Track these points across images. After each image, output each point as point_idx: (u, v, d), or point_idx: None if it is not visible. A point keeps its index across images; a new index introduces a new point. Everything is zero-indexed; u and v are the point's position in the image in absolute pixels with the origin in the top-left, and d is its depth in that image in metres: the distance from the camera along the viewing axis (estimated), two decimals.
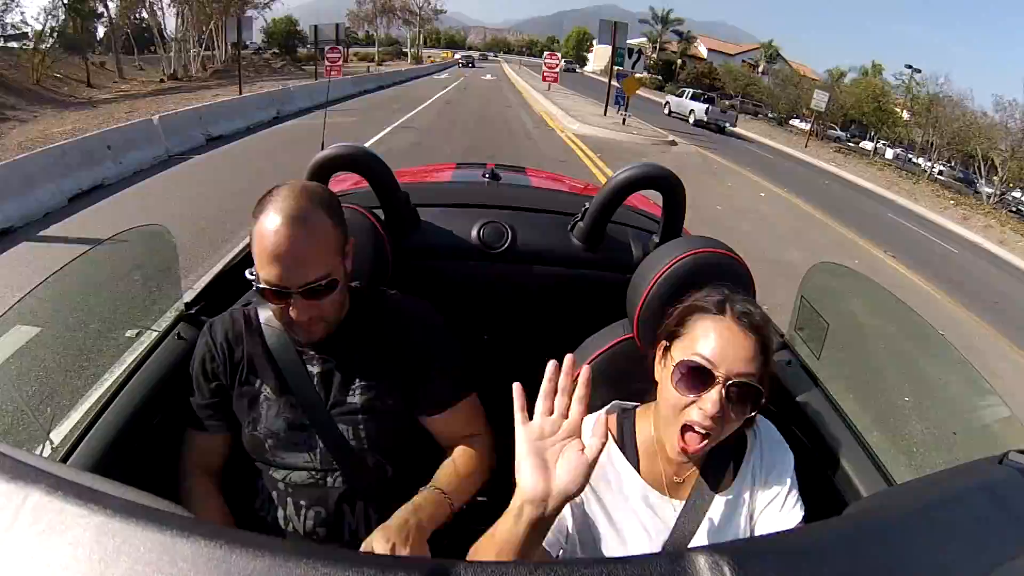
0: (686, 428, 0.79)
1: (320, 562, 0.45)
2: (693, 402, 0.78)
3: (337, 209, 0.92)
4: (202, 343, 1.02)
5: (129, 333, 1.23)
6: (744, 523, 0.86)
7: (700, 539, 0.85)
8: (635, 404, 0.96)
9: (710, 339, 0.78)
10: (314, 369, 0.99)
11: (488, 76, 40.39)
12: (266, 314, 1.01)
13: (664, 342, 0.86)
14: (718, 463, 0.88)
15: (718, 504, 0.86)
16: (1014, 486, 0.68)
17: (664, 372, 0.84)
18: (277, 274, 0.85)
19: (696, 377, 0.77)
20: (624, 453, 0.88)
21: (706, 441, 0.79)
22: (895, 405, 1.38)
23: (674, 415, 0.80)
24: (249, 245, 0.91)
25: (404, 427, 1.02)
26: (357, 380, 0.98)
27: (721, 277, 0.97)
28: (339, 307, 0.96)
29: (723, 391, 0.76)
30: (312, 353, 0.99)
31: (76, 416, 0.99)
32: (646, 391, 0.91)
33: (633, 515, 0.86)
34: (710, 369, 0.77)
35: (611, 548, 0.84)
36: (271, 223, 0.84)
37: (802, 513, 0.87)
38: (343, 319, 1.01)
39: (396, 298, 1.08)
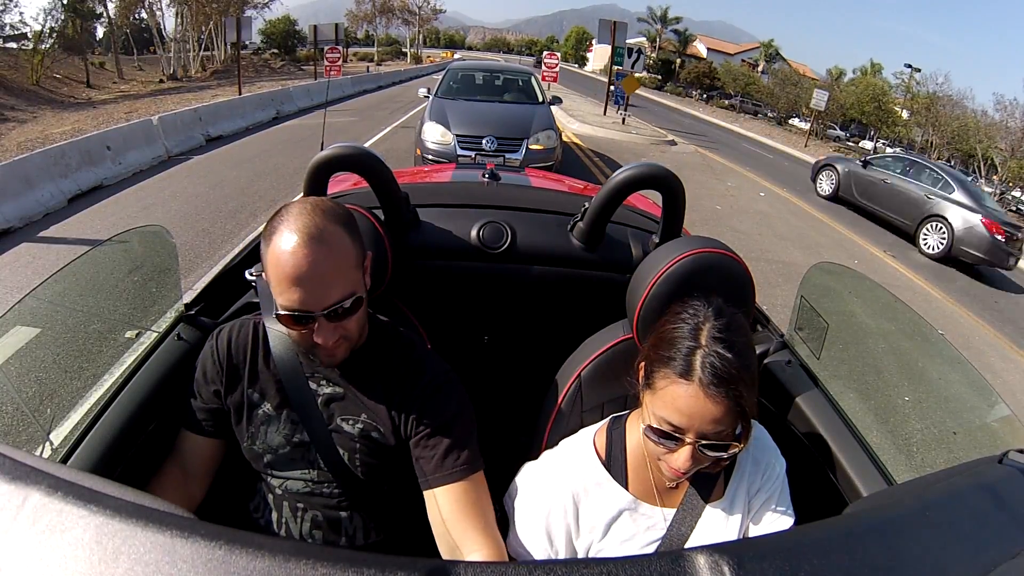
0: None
1: (320, 562, 0.45)
2: (668, 452, 0.78)
3: (353, 224, 0.88)
4: (208, 348, 1.01)
5: (129, 334, 1.23)
6: (736, 530, 0.86)
7: (692, 544, 0.85)
8: (628, 412, 0.96)
9: (677, 406, 0.75)
10: (320, 390, 0.96)
11: None
12: (274, 331, 0.97)
13: (644, 364, 0.83)
14: (710, 470, 0.88)
15: (710, 511, 0.86)
16: (1014, 485, 0.68)
17: (643, 407, 0.82)
18: (299, 298, 0.80)
19: (666, 436, 0.77)
20: (611, 470, 0.88)
21: (691, 473, 0.79)
22: (895, 405, 1.38)
23: (652, 448, 0.81)
24: (249, 246, 0.91)
25: (399, 462, 0.97)
26: (360, 411, 0.95)
27: (721, 277, 0.96)
28: (362, 325, 0.93)
29: (694, 449, 0.76)
30: (321, 374, 0.96)
31: (76, 417, 0.99)
32: None
33: (623, 531, 0.85)
34: (678, 435, 0.76)
35: None
36: (287, 243, 0.79)
37: (792, 520, 0.87)
38: (362, 347, 0.96)
39: (416, 343, 1.02)
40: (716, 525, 0.85)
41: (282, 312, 0.82)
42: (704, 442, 0.75)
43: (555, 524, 0.85)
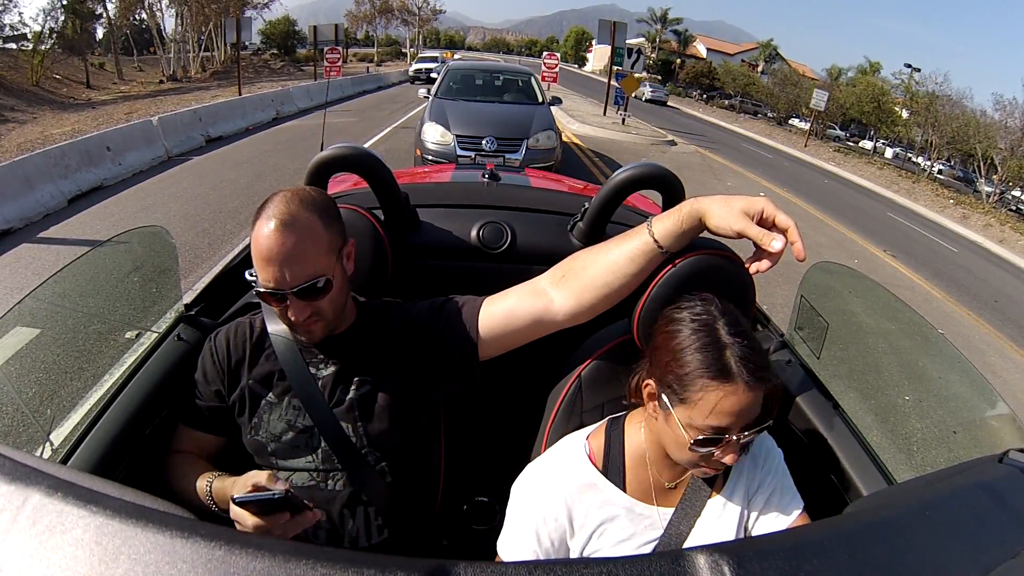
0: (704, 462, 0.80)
1: (320, 562, 0.45)
2: (711, 454, 0.78)
3: (329, 211, 0.95)
4: (206, 350, 1.03)
5: (129, 334, 1.24)
6: (735, 528, 0.86)
7: (691, 544, 0.84)
8: (625, 413, 0.95)
9: (722, 409, 0.74)
10: (320, 373, 1.00)
11: None
12: (272, 323, 1.02)
13: (653, 383, 0.82)
14: None
15: (709, 508, 0.86)
16: (1014, 485, 0.68)
17: (662, 422, 0.81)
18: (270, 276, 0.89)
19: (711, 442, 0.76)
20: (608, 473, 0.87)
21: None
22: (895, 404, 1.38)
23: (688, 457, 0.80)
24: (249, 247, 0.92)
25: (401, 423, 1.01)
26: (355, 378, 1.00)
27: (721, 278, 0.96)
28: (338, 307, 0.97)
29: (739, 444, 0.76)
30: (320, 358, 1.00)
31: (76, 418, 1.00)
32: None
33: (619, 531, 0.85)
34: (721, 435, 0.76)
35: None
36: (263, 228, 0.88)
37: (800, 504, 0.87)
38: (350, 328, 1.02)
39: (393, 304, 1.09)
40: (714, 524, 0.85)
41: (261, 289, 0.90)
42: (747, 433, 0.76)
43: (548, 529, 0.84)
